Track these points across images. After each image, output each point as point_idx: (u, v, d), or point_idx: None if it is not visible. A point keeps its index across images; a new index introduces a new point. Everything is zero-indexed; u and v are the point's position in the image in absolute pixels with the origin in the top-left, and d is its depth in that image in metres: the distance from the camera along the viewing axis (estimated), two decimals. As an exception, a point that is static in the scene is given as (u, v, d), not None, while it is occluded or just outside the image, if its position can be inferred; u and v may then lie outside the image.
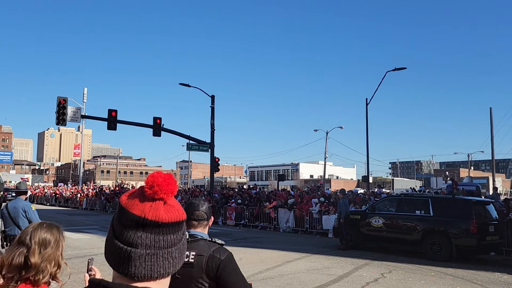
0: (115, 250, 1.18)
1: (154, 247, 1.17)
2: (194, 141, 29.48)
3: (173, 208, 1.21)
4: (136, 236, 1.16)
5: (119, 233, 1.19)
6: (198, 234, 2.56)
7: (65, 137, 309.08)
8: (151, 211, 1.17)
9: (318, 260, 12.00)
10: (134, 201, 1.20)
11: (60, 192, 46.53)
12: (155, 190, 1.19)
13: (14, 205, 7.41)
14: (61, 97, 23.42)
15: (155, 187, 1.19)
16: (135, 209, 1.18)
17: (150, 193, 1.19)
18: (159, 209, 1.18)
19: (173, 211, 1.20)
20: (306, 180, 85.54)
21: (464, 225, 12.29)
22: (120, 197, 1.26)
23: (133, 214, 1.17)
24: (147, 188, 1.20)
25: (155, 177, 1.21)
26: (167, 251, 1.19)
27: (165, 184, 1.20)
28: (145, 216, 1.16)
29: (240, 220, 23.20)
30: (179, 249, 1.23)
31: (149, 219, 1.16)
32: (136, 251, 1.16)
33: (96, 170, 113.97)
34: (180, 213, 1.23)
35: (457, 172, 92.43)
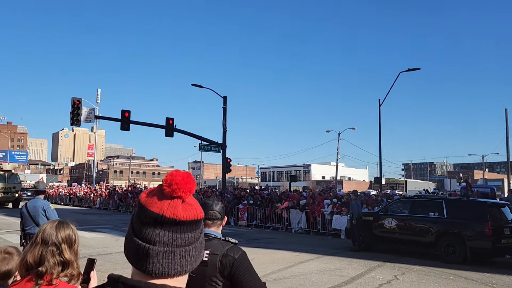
0: (134, 247, 1.20)
1: (171, 245, 1.18)
2: (206, 142, 29.60)
3: (191, 206, 1.23)
4: (154, 233, 1.17)
5: (138, 230, 1.20)
6: (212, 233, 2.59)
7: (79, 138, 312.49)
8: (169, 209, 1.18)
9: (331, 261, 11.96)
10: (153, 199, 1.21)
11: (74, 192, 47.07)
12: (173, 188, 1.20)
13: (33, 204, 7.53)
14: (75, 98, 23.68)
15: (173, 185, 1.20)
16: (153, 207, 1.19)
17: (169, 191, 1.20)
18: (177, 207, 1.19)
19: (191, 209, 1.22)
20: (318, 181, 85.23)
21: (478, 227, 12.14)
22: (140, 195, 1.27)
23: (151, 212, 1.18)
24: (166, 186, 1.21)
25: (174, 175, 1.22)
26: (184, 249, 1.20)
27: (183, 182, 1.21)
28: (163, 213, 1.17)
29: (252, 220, 23.22)
30: (196, 248, 1.24)
31: (167, 216, 1.17)
32: (154, 248, 1.17)
33: (109, 170, 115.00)
34: (198, 212, 1.24)
35: (471, 174, 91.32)
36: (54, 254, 2.08)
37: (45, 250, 2.08)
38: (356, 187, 65.80)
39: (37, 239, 2.13)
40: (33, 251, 2.09)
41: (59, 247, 2.10)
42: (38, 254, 2.07)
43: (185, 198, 1.22)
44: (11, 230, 17.08)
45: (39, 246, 2.10)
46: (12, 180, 34.67)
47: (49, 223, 2.22)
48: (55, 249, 2.09)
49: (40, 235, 2.14)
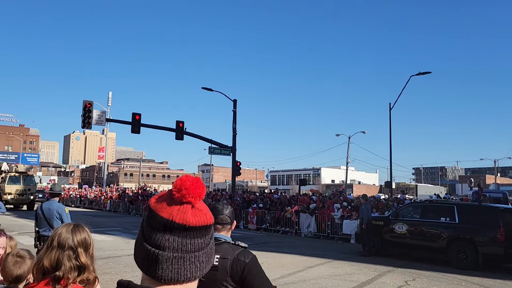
0: (143, 252, 1.20)
1: (181, 251, 1.17)
2: (216, 145, 29.66)
3: (201, 212, 1.22)
4: (164, 239, 1.17)
5: (148, 235, 1.20)
6: (222, 237, 2.58)
7: (90, 140, 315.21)
8: (178, 214, 1.17)
9: (340, 266, 11.89)
10: (163, 204, 1.21)
11: (85, 194, 47.43)
12: (183, 193, 1.19)
13: (48, 206, 7.58)
14: (86, 101, 23.90)
15: (183, 190, 1.19)
16: (163, 212, 1.19)
17: (178, 196, 1.19)
18: (186, 213, 1.18)
19: (200, 215, 1.21)
20: (327, 185, 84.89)
21: (491, 233, 11.98)
22: (150, 200, 1.27)
23: (161, 217, 1.18)
24: (175, 191, 1.20)
25: (183, 180, 1.21)
26: (194, 255, 1.19)
27: (193, 187, 1.20)
28: (173, 219, 1.17)
29: (262, 224, 23.18)
30: (206, 254, 1.23)
31: (177, 222, 1.17)
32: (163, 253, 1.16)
33: (120, 173, 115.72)
34: (208, 217, 1.23)
35: (483, 178, 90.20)
36: (70, 258, 2.08)
37: (62, 254, 2.08)
38: (366, 191, 65.29)
39: (53, 243, 2.12)
40: (50, 255, 2.08)
41: (75, 251, 2.10)
42: (55, 258, 2.07)
43: (195, 204, 1.21)
44: (23, 231, 17.25)
45: (55, 250, 2.09)
46: (28, 182, 34.00)
47: (64, 227, 2.22)
48: (72, 253, 2.09)
49: (56, 239, 2.13)
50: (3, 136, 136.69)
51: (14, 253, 2.82)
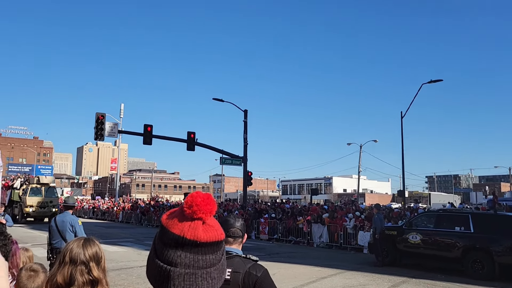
0: (155, 269, 1.21)
1: (193, 267, 1.19)
2: (227, 155, 29.72)
3: (212, 228, 1.24)
4: (176, 255, 1.19)
5: (160, 252, 1.22)
6: (233, 251, 2.57)
7: (103, 152, 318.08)
8: (189, 231, 1.19)
9: (354, 277, 11.75)
10: (174, 221, 1.23)
11: (97, 205, 47.76)
12: (194, 209, 1.22)
13: (62, 219, 7.62)
14: (99, 113, 24.18)
15: (193, 206, 1.22)
16: (174, 228, 1.21)
17: (189, 213, 1.22)
18: (197, 229, 1.20)
19: (211, 230, 1.22)
20: (339, 194, 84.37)
21: (507, 242, 11.76)
22: (162, 216, 1.29)
23: (172, 233, 1.20)
24: (186, 208, 1.23)
25: (194, 197, 1.24)
26: (206, 271, 1.20)
27: (203, 204, 1.23)
28: (184, 235, 1.19)
29: (274, 234, 23.07)
30: (218, 270, 1.24)
31: (188, 238, 1.18)
32: (175, 270, 1.18)
33: (132, 184, 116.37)
34: (219, 233, 1.25)
35: (497, 186, 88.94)
36: (83, 272, 2.08)
37: (74, 269, 2.07)
38: (379, 200, 64.85)
39: (65, 259, 2.11)
40: (63, 271, 2.08)
41: (87, 265, 2.10)
42: (68, 274, 2.07)
43: (205, 220, 1.23)
44: (36, 243, 17.39)
45: (68, 266, 2.08)
46: (50, 194, 32.63)
47: (75, 242, 2.23)
48: (84, 268, 2.09)
49: (68, 255, 2.12)
50: (18, 148, 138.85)
51: (27, 268, 2.84)
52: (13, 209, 32.37)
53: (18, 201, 32.41)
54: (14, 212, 31.99)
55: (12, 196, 32.65)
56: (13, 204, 32.84)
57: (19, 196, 32.41)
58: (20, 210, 31.68)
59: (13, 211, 32.10)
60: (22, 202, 31.90)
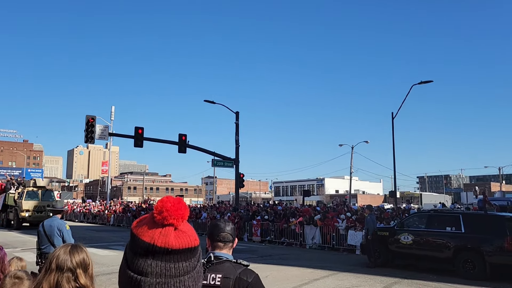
0: (126, 279, 1.16)
1: (165, 276, 1.13)
2: (219, 157, 29.67)
3: (185, 234, 1.18)
4: (146, 264, 1.13)
5: (131, 261, 1.17)
6: (223, 256, 2.54)
7: (93, 154, 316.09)
8: (160, 238, 1.14)
9: (346, 278, 11.75)
10: (144, 228, 1.17)
11: (88, 209, 47.38)
12: (164, 215, 1.16)
13: (49, 223, 7.53)
14: (89, 116, 24.02)
15: (163, 212, 1.16)
16: (144, 236, 1.15)
17: (160, 219, 1.16)
18: (168, 236, 1.15)
19: (184, 237, 1.17)
20: (331, 195, 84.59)
21: (498, 242, 11.83)
22: (132, 224, 1.23)
23: (142, 241, 1.15)
24: (156, 214, 1.17)
25: (164, 202, 1.19)
26: (179, 280, 1.15)
27: (174, 209, 1.17)
28: (154, 242, 1.13)
29: (266, 236, 23.04)
30: (193, 277, 1.19)
31: (158, 246, 1.13)
32: (146, 280, 1.12)
33: (123, 187, 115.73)
34: (192, 239, 1.19)
35: (488, 186, 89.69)
36: (69, 280, 2.04)
37: (61, 276, 2.03)
38: (371, 201, 65.12)
39: (52, 266, 2.07)
40: (49, 279, 2.04)
41: (74, 272, 2.06)
42: (54, 282, 2.03)
43: (177, 225, 1.17)
44: (26, 248, 17.17)
45: (54, 273, 2.04)
46: (47, 198, 30.24)
47: (62, 248, 2.18)
48: (71, 275, 2.05)
49: (54, 261, 2.08)
50: (7, 152, 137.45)
51: (11, 275, 2.77)
52: (7, 214, 30.55)
53: (13, 206, 30.22)
54: (9, 217, 30.33)
55: (7, 200, 30.57)
56: (7, 209, 30.76)
57: (14, 200, 30.24)
58: (16, 215, 29.62)
59: (8, 216, 30.39)
60: (18, 206, 29.61)
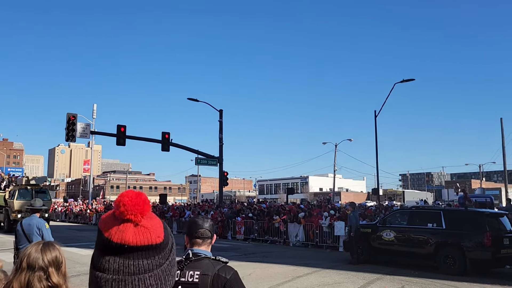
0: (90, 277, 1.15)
1: (122, 273, 1.10)
2: (202, 156, 29.55)
3: (146, 230, 1.14)
4: (104, 260, 1.12)
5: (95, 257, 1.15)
6: (202, 253, 2.50)
7: (75, 153, 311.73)
8: (117, 233, 1.11)
9: (329, 275, 11.80)
10: (107, 223, 1.15)
11: (70, 208, 46.72)
12: (121, 210, 1.13)
13: (28, 222, 7.38)
14: (70, 114, 23.67)
15: (121, 207, 1.13)
16: (105, 231, 1.14)
17: (118, 214, 1.14)
18: (126, 231, 1.11)
19: (144, 233, 1.13)
20: (315, 193, 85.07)
21: (477, 238, 12.04)
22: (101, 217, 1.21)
23: (103, 236, 1.13)
24: (115, 209, 1.15)
25: (123, 196, 1.16)
26: (137, 278, 1.11)
27: (131, 204, 1.13)
28: (111, 238, 1.11)
29: (250, 234, 23.03)
30: (156, 276, 1.14)
31: (114, 241, 1.11)
32: (103, 276, 1.11)
33: (106, 186, 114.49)
34: (154, 236, 1.14)
35: (468, 183, 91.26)
36: (41, 279, 1.96)
37: (32, 275, 1.96)
38: (354, 199, 65.65)
39: (23, 265, 1.98)
40: (19, 278, 1.96)
41: (46, 271, 1.98)
42: (25, 281, 1.95)
43: (138, 221, 1.13)
44: (4, 248, 16.84)
45: (25, 272, 1.96)
46: (41, 197, 26.37)
47: (33, 246, 2.10)
48: (42, 274, 1.97)
49: (25, 260, 1.99)
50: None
51: None
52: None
53: (4, 206, 27.63)
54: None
55: None
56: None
57: (5, 199, 27.54)
58: (6, 216, 26.93)
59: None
60: (9, 206, 26.98)
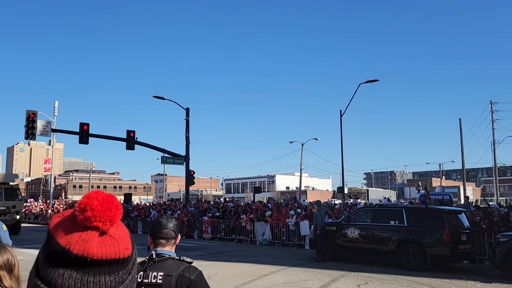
0: None
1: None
2: (168, 154, 29.17)
3: (114, 241, 0.94)
4: (57, 273, 0.90)
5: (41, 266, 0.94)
6: (166, 253, 2.46)
7: (36, 152, 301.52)
8: (78, 243, 0.90)
9: (295, 273, 11.91)
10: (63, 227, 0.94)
11: (29, 209, 45.10)
12: (87, 215, 0.92)
13: None
14: (30, 111, 22.87)
15: (87, 211, 0.92)
16: (61, 238, 0.92)
17: (82, 219, 0.92)
18: (90, 241, 0.91)
19: (111, 245, 0.93)
20: (282, 191, 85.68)
21: (437, 234, 12.44)
22: (51, 220, 0.99)
23: (57, 244, 0.91)
24: (78, 212, 0.93)
25: (90, 198, 0.95)
26: None
27: (101, 209, 0.93)
28: (70, 248, 0.90)
29: (216, 233, 22.95)
30: None
31: (74, 253, 0.90)
32: None
33: (68, 185, 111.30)
34: (122, 248, 0.95)
35: (429, 181, 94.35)
36: None
37: None
38: (320, 197, 66.58)
39: None
40: None
41: None
42: None
43: (105, 230, 0.93)
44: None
45: None
46: (11, 197, 25.13)
47: None
48: None
49: None
50: None
51: None
52: None
53: None
54: None
55: None
56: None
57: None
58: None
59: None
60: None
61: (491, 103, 44.29)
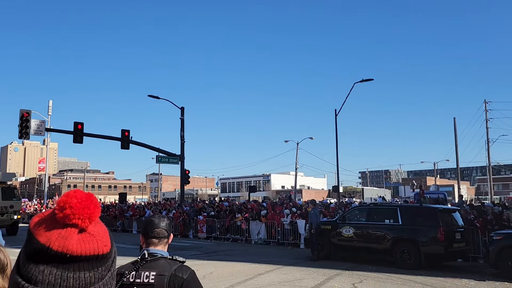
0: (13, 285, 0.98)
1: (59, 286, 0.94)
2: (163, 153, 29.10)
3: (92, 238, 0.99)
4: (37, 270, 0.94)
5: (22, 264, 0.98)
6: (158, 253, 2.45)
7: (30, 151, 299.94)
8: (58, 240, 0.95)
9: (290, 272, 11.92)
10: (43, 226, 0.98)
11: (23, 208, 44.89)
12: (66, 213, 0.97)
13: None
14: (24, 110, 22.75)
15: (66, 209, 0.97)
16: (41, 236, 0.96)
17: (61, 217, 0.97)
18: (69, 238, 0.96)
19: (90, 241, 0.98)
20: (277, 191, 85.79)
21: (431, 233, 12.49)
22: (32, 219, 1.03)
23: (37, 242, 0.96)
24: (58, 210, 0.98)
25: (69, 197, 1.00)
26: None
27: (80, 207, 0.98)
28: (50, 245, 0.94)
29: (212, 233, 22.93)
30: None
31: (54, 249, 0.94)
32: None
33: (63, 185, 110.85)
34: (101, 245, 1.00)
35: (424, 180, 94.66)
36: None
37: None
38: (315, 196, 66.74)
39: None
40: None
41: None
42: None
43: (84, 227, 0.98)
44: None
45: None
46: (9, 197, 24.38)
47: None
48: None
49: None
50: None
51: None
52: None
53: None
54: None
55: None
56: None
57: None
58: None
59: None
60: None
61: (485, 102, 44.54)
